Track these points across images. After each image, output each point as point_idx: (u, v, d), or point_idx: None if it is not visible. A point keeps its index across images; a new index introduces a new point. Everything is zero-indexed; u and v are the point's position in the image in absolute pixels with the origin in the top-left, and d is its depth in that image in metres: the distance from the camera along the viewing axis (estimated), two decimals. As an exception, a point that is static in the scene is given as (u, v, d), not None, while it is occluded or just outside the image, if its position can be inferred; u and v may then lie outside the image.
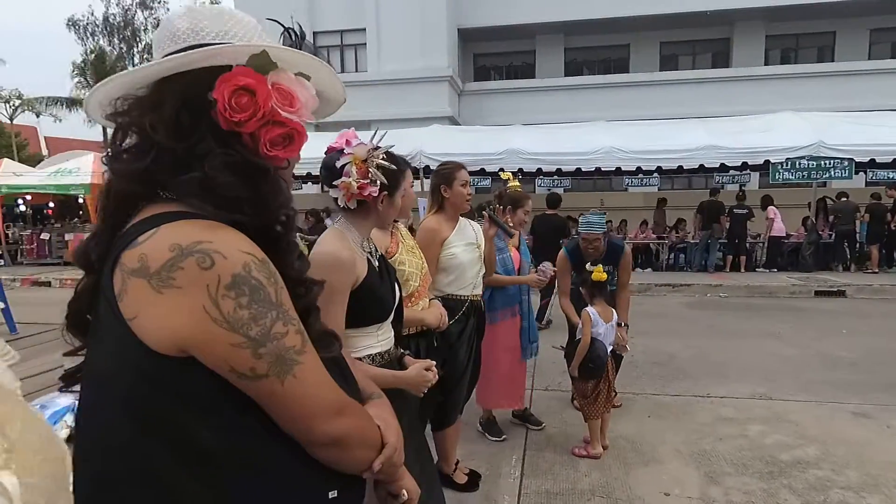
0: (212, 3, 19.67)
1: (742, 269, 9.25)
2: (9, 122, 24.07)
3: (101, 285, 0.62)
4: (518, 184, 3.00)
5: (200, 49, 0.64)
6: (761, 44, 15.44)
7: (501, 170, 8.88)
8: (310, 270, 1.22)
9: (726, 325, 5.78)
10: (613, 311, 2.76)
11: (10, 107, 23.75)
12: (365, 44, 14.91)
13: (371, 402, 0.83)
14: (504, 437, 2.90)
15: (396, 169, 1.36)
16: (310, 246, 1.34)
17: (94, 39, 22.37)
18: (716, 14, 14.50)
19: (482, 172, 9.55)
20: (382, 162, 1.29)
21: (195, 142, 0.62)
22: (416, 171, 9.44)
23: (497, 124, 12.13)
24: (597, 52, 16.57)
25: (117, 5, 22.20)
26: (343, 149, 1.27)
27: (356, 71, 15.23)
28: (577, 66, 16.62)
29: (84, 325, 0.67)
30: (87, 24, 22.21)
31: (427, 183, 2.47)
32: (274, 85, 0.63)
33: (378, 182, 1.28)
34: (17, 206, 13.70)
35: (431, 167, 8.48)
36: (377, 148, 1.29)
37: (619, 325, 2.82)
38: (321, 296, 1.18)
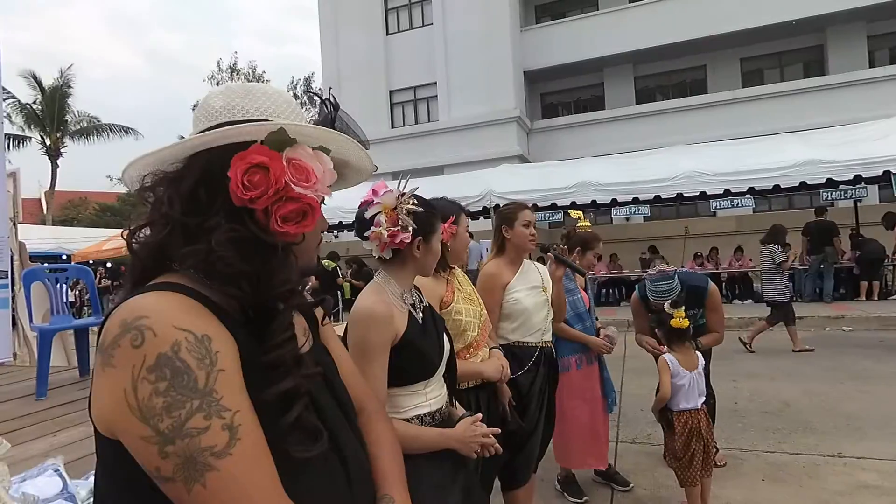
0: (261, 80, 22.06)
1: (875, 297, 7.97)
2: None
3: None
4: (588, 223, 2.82)
5: (220, 129, 0.65)
6: (863, 45, 13.89)
7: (574, 203, 8.78)
8: (348, 328, 1.25)
9: (855, 367, 4.83)
10: (699, 356, 2.44)
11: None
12: (436, 96, 15.71)
13: None
14: (586, 498, 2.65)
15: (427, 212, 1.31)
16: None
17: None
18: (803, 22, 13.42)
19: (553, 207, 9.35)
20: (412, 206, 1.26)
21: (208, 217, 0.62)
22: (482, 212, 9.52)
23: (568, 159, 11.97)
24: (669, 76, 15.90)
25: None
26: (372, 200, 1.26)
27: (429, 121, 16.00)
28: (650, 92, 16.04)
29: None
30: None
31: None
32: (290, 161, 0.63)
33: (409, 228, 1.25)
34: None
35: (501, 206, 8.41)
36: (405, 193, 1.27)
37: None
38: (360, 354, 1.17)
